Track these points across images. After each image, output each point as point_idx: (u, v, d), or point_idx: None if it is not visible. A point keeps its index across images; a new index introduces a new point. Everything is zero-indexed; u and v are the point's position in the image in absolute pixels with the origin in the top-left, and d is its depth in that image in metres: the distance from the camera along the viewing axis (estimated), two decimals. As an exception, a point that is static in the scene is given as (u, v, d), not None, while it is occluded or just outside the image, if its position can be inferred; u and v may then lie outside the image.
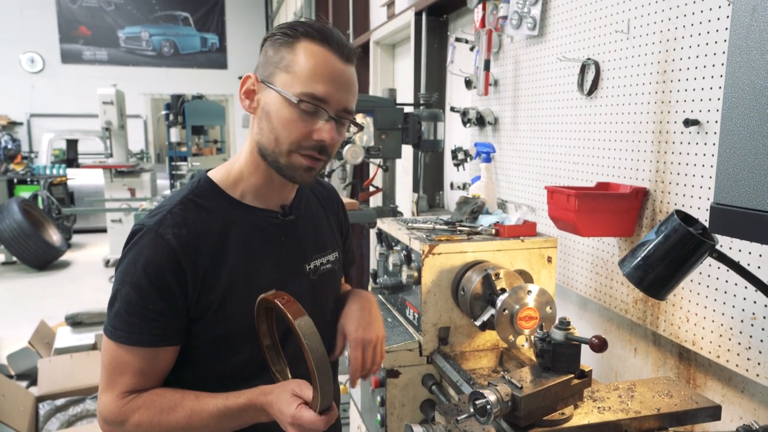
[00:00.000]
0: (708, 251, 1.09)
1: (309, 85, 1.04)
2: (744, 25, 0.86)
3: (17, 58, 11.22)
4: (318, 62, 1.04)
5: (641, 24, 1.65)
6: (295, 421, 0.97)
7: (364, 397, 2.10)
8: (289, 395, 1.00)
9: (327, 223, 1.32)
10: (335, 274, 1.31)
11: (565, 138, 2.05)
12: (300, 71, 1.04)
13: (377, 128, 2.99)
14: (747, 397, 1.42)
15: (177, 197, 1.13)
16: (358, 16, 5.52)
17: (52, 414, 3.17)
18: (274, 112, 1.06)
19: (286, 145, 1.07)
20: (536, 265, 1.82)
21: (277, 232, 1.18)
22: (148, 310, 1.04)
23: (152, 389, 1.08)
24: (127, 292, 1.04)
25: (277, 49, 1.07)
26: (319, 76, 1.04)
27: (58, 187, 9.10)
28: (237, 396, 1.04)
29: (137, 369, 1.06)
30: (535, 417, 1.16)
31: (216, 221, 1.11)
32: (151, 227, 1.06)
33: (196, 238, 1.07)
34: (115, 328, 1.05)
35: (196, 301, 1.07)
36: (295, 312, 0.96)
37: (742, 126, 0.86)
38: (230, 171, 1.16)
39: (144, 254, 1.04)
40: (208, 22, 12.34)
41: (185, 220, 1.08)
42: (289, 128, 1.06)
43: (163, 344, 1.07)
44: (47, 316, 4.84)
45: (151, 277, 1.03)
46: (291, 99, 1.04)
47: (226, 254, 1.10)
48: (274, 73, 1.06)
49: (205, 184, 1.15)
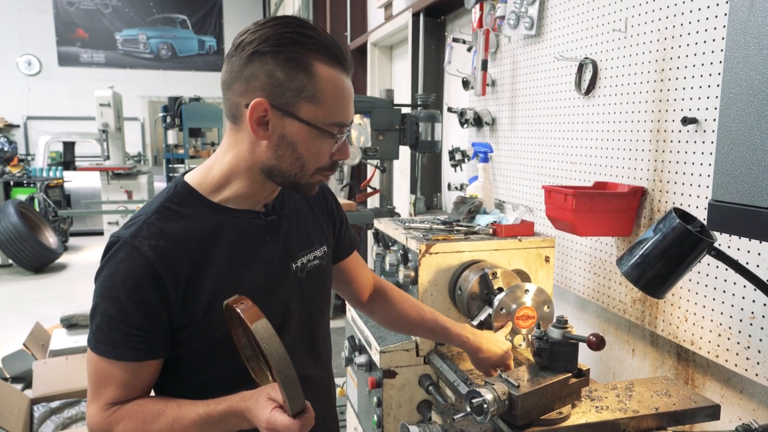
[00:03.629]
0: (706, 249, 1.08)
1: (337, 114, 1.05)
2: (741, 21, 0.86)
3: (14, 60, 11.20)
4: (338, 89, 1.04)
5: (639, 23, 1.65)
6: (269, 426, 0.95)
7: (361, 398, 2.08)
8: (264, 399, 0.97)
9: (312, 216, 1.29)
10: (323, 269, 1.28)
11: (562, 138, 2.05)
12: (326, 102, 1.03)
13: (374, 129, 2.99)
14: (746, 397, 1.41)
15: (153, 205, 1.09)
16: (355, 18, 5.52)
17: (47, 416, 3.15)
18: (302, 143, 1.04)
19: (312, 170, 1.08)
20: (534, 264, 1.82)
21: (262, 232, 1.15)
22: (129, 325, 1.02)
23: (136, 399, 1.07)
24: (107, 306, 1.02)
25: (289, 72, 1.00)
26: (343, 102, 1.05)
27: (54, 190, 9.07)
28: (218, 403, 1.02)
29: (121, 381, 1.04)
30: (532, 416, 1.15)
31: (197, 228, 1.07)
32: (127, 240, 1.03)
33: (175, 247, 1.04)
34: (98, 342, 1.04)
35: (180, 311, 1.05)
36: (252, 316, 0.92)
37: (739, 122, 0.85)
38: (208, 175, 1.12)
39: (121, 268, 1.02)
40: (206, 24, 12.34)
41: (162, 230, 1.04)
42: (319, 156, 1.07)
43: (146, 358, 1.05)
44: (43, 319, 4.81)
45: (129, 292, 1.01)
46: (326, 131, 1.04)
47: (209, 261, 1.07)
48: (296, 103, 1.02)
49: (182, 190, 1.11)
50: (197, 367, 1.11)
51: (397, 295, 1.50)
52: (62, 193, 9.20)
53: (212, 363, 1.11)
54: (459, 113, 2.74)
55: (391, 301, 1.49)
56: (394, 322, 1.51)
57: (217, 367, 1.11)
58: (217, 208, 1.11)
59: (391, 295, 1.49)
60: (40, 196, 8.55)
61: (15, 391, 3.28)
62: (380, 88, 5.02)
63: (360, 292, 1.47)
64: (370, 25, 5.27)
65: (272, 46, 1.00)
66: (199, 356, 1.10)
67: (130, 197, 7.81)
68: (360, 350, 2.05)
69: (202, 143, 8.05)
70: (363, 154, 2.92)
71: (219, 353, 1.10)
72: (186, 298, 1.05)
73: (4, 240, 7.04)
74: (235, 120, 1.06)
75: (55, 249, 7.67)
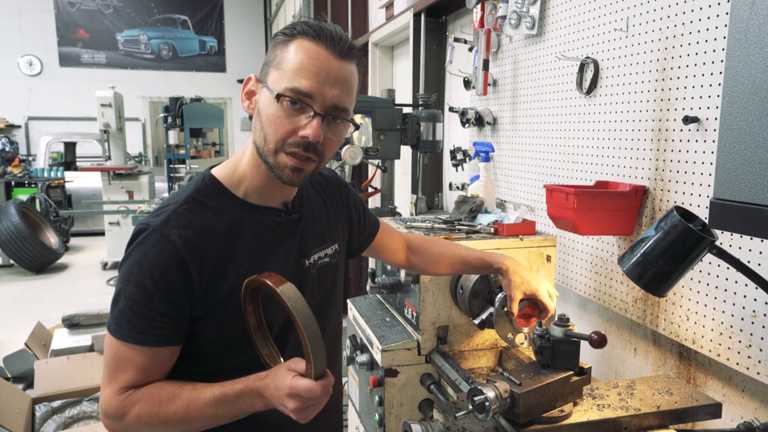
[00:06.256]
0: (707, 247, 1.08)
1: (294, 80, 1.03)
2: (743, 19, 0.86)
3: (15, 61, 11.22)
4: (306, 57, 1.03)
5: (640, 22, 1.65)
6: (292, 391, 0.97)
7: (363, 397, 2.09)
8: (284, 370, 1.00)
9: (326, 215, 1.31)
10: (334, 267, 1.30)
11: (564, 137, 2.05)
12: (287, 67, 1.04)
13: (376, 129, 2.98)
14: (748, 396, 1.41)
15: (182, 196, 1.12)
16: (356, 18, 5.53)
17: (49, 416, 3.15)
18: (263, 110, 1.07)
19: (272, 143, 1.06)
20: (535, 264, 1.82)
21: (282, 229, 1.18)
22: (152, 310, 1.04)
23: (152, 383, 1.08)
24: (132, 291, 1.04)
25: (274, 48, 1.07)
26: (305, 71, 1.03)
27: (55, 190, 9.07)
28: (233, 383, 1.04)
29: (140, 366, 1.06)
30: (534, 414, 1.15)
31: (222, 221, 1.10)
32: (157, 227, 1.05)
33: (202, 239, 1.07)
34: (119, 326, 1.05)
35: (202, 301, 1.07)
36: (277, 281, 0.96)
37: (741, 120, 0.85)
38: (234, 170, 1.15)
39: (149, 255, 1.04)
40: (207, 25, 12.35)
41: (191, 221, 1.07)
42: (275, 125, 1.05)
43: (166, 344, 1.07)
44: (44, 319, 4.81)
45: (156, 279, 1.03)
46: (282, 94, 1.03)
47: (232, 254, 1.10)
48: (268, 72, 1.07)
49: (209, 183, 1.14)
50: (213, 356, 1.13)
51: (431, 243, 1.60)
52: (63, 193, 9.21)
53: (227, 353, 1.13)
54: (460, 113, 2.74)
55: (425, 250, 1.58)
56: (437, 265, 1.58)
57: (231, 357, 1.13)
58: (241, 204, 1.14)
59: (424, 245, 1.59)
60: (41, 197, 8.55)
61: (17, 390, 3.29)
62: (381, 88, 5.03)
63: (394, 256, 1.57)
64: (371, 25, 5.27)
65: (276, 34, 1.08)
66: (215, 346, 1.12)
67: (131, 197, 7.81)
68: (362, 349, 2.05)
69: (203, 143, 8.06)
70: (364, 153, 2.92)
71: (235, 343, 1.12)
72: (208, 288, 1.07)
73: (5, 240, 7.04)
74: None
75: (56, 249, 7.67)
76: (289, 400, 0.98)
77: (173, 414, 1.04)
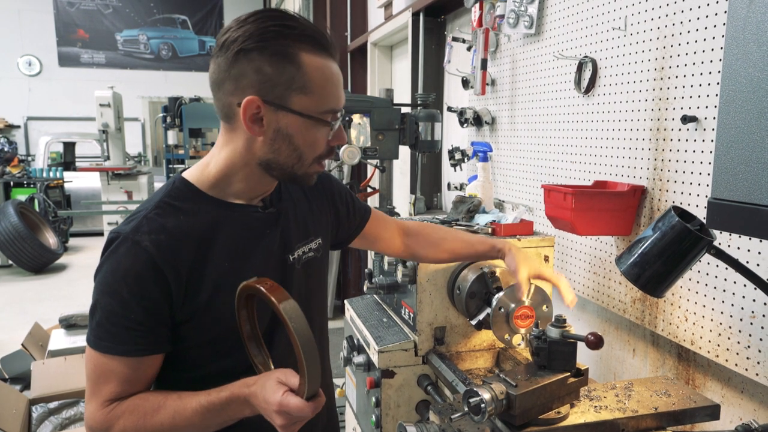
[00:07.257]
0: (706, 248, 1.07)
1: (328, 101, 1.06)
2: (741, 17, 0.85)
3: (14, 61, 11.22)
4: (327, 76, 1.05)
5: (638, 21, 1.64)
6: (281, 409, 0.95)
7: (359, 398, 2.08)
8: (274, 383, 0.97)
9: (309, 208, 1.29)
10: (319, 261, 1.29)
11: (562, 137, 2.04)
12: (317, 90, 1.04)
13: (374, 129, 2.97)
14: (747, 397, 1.40)
15: (152, 201, 1.10)
16: (355, 18, 5.52)
17: (45, 417, 3.14)
18: (298, 134, 1.05)
19: (310, 160, 1.09)
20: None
21: (261, 225, 1.16)
22: (130, 320, 1.02)
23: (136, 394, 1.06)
24: (108, 302, 1.02)
25: (276, 65, 1.00)
26: (333, 88, 1.06)
27: (54, 190, 9.07)
28: (219, 391, 1.02)
29: (122, 377, 1.04)
30: (531, 415, 1.14)
31: (197, 222, 1.08)
32: (128, 235, 1.03)
33: (175, 241, 1.04)
34: (98, 338, 1.03)
35: (182, 304, 1.05)
36: (280, 296, 0.94)
37: (739, 119, 0.84)
38: (205, 171, 1.12)
39: (122, 263, 1.02)
40: (207, 25, 12.35)
41: (163, 225, 1.05)
42: (316, 146, 1.08)
43: (147, 353, 1.05)
44: (43, 320, 4.80)
45: (131, 287, 1.01)
46: (321, 119, 1.05)
47: (210, 254, 1.08)
48: (287, 95, 1.02)
49: (181, 186, 1.11)
50: (199, 361, 1.12)
51: (429, 228, 1.59)
52: (62, 193, 9.20)
53: (214, 357, 1.11)
54: (459, 112, 2.73)
55: (424, 234, 1.57)
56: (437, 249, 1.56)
57: (218, 361, 1.11)
58: (216, 203, 1.11)
59: (422, 229, 1.58)
60: (40, 197, 8.55)
61: (13, 391, 3.28)
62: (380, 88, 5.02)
63: (389, 244, 1.55)
64: (371, 24, 5.26)
65: (257, 42, 1.00)
66: (200, 350, 1.10)
67: (130, 198, 7.81)
68: (358, 350, 2.04)
69: (203, 143, 8.03)
70: (362, 153, 2.91)
71: (221, 347, 1.10)
72: (188, 291, 1.05)
73: (4, 240, 7.03)
74: (229, 119, 1.07)
75: (55, 249, 7.67)
76: (278, 416, 0.96)
77: (159, 425, 1.02)
